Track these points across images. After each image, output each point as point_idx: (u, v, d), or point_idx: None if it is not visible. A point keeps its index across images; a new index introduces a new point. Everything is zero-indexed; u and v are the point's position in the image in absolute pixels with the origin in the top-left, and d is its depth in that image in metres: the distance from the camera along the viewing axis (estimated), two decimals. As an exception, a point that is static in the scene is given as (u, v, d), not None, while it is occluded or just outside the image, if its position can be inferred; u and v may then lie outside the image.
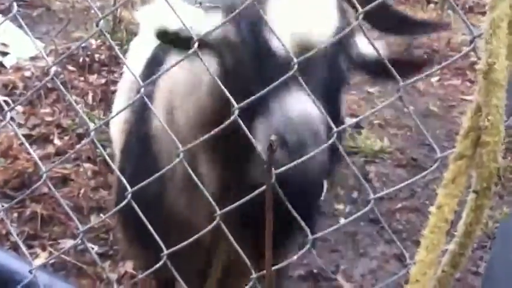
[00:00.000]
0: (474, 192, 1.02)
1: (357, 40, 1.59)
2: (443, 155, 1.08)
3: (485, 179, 1.00)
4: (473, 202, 1.02)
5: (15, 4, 1.67)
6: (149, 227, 1.38)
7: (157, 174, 1.42)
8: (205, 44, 1.56)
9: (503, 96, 0.98)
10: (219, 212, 1.29)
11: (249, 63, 1.50)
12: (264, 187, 1.20)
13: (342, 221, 3.33)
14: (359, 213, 1.22)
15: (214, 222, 1.29)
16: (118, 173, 1.59)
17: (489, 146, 0.97)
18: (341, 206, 3.43)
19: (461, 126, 0.99)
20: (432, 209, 1.05)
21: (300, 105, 1.35)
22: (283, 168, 1.22)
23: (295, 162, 1.24)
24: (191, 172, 1.25)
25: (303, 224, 1.22)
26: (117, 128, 2.38)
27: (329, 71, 1.51)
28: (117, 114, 1.89)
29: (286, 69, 1.23)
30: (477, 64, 0.98)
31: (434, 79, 4.91)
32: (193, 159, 1.71)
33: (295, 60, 1.22)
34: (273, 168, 1.20)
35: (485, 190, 1.01)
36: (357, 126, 4.18)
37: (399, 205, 3.47)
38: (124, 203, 1.33)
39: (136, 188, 1.35)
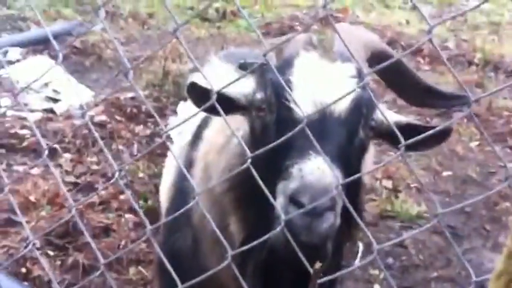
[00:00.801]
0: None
1: (378, 109, 1.68)
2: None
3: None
4: None
5: (60, 54, 1.79)
6: None
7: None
8: (237, 106, 1.69)
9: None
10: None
11: (273, 127, 1.63)
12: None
13: (377, 287, 3.34)
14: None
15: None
16: (159, 250, 1.67)
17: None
18: (375, 272, 3.43)
19: (494, 269, 1.05)
20: None
21: (317, 171, 1.46)
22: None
23: None
24: (237, 274, 1.33)
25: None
26: (165, 191, 2.49)
27: (347, 137, 1.62)
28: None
29: (306, 134, 1.33)
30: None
31: (473, 144, 4.91)
32: (224, 218, 1.80)
33: (305, 117, 1.32)
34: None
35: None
36: (395, 189, 4.20)
37: (435, 274, 3.46)
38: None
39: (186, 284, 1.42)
